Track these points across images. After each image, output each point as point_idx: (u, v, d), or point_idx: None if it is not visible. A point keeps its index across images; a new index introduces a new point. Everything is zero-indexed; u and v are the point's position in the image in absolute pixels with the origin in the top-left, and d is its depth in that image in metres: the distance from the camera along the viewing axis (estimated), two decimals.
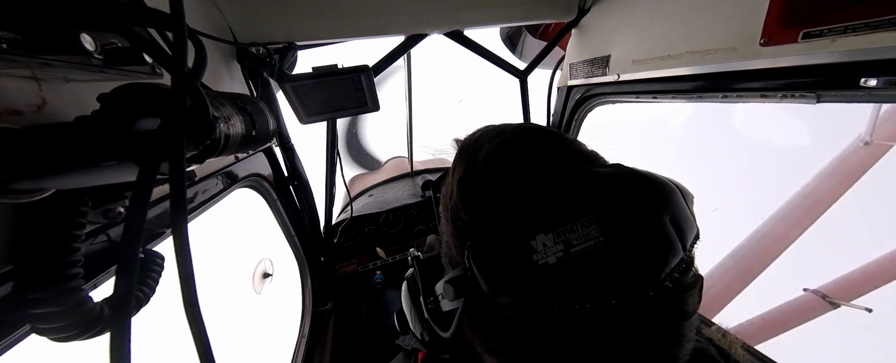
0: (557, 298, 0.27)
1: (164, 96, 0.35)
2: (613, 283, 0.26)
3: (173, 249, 0.30)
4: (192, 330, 0.29)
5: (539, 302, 0.27)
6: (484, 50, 1.41)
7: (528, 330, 0.29)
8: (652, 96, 0.98)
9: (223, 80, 0.90)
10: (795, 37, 0.57)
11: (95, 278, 0.44)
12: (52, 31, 0.35)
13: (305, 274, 1.48)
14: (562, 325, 0.28)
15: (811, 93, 0.60)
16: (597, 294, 0.26)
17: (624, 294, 0.26)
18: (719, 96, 0.78)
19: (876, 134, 3.27)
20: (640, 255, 0.27)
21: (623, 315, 0.27)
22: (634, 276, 0.26)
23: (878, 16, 0.47)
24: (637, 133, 15.08)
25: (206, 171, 0.76)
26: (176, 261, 0.30)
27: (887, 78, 0.50)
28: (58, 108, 0.39)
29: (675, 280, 0.28)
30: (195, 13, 0.79)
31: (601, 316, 0.27)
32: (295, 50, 1.05)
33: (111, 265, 0.45)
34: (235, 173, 0.91)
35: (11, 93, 0.35)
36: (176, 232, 0.30)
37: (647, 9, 0.92)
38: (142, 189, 0.31)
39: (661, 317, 0.28)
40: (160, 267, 0.46)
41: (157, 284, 0.45)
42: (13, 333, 0.34)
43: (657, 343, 0.28)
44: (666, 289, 0.27)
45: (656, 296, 0.26)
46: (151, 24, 0.44)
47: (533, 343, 0.29)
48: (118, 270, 0.30)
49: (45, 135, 0.32)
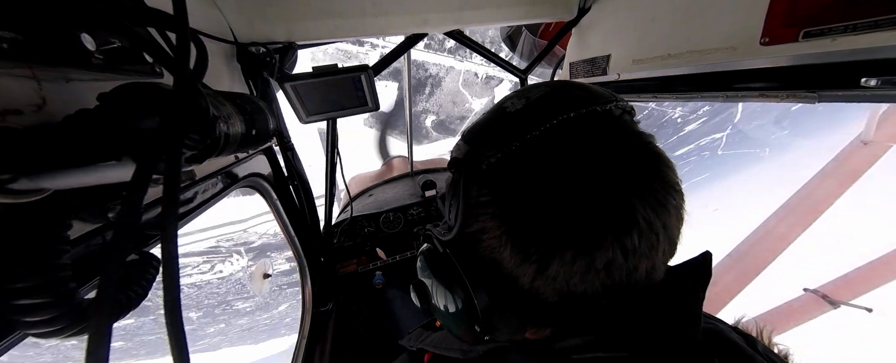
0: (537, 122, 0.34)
1: (165, 96, 0.35)
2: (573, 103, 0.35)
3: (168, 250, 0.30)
4: (169, 330, 0.28)
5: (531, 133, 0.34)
6: (484, 49, 1.41)
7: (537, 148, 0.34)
8: (652, 95, 0.98)
9: (223, 80, 0.90)
10: (796, 36, 0.57)
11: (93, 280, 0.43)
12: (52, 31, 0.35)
13: (305, 274, 1.48)
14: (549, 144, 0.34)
15: (811, 92, 0.60)
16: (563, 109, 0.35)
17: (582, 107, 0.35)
18: (720, 96, 0.77)
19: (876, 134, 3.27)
20: (583, 95, 0.36)
21: (590, 123, 0.35)
22: (588, 100, 0.36)
23: (878, 16, 0.47)
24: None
25: (205, 170, 0.76)
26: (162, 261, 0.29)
27: (887, 78, 0.50)
28: (58, 108, 0.39)
29: (617, 111, 0.37)
30: (196, 13, 0.79)
31: (573, 126, 0.34)
32: (295, 50, 1.05)
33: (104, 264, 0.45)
34: (235, 173, 0.91)
35: (11, 92, 0.35)
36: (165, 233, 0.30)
37: (648, 8, 0.92)
38: (135, 189, 0.31)
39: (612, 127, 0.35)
40: (155, 269, 0.46)
41: (150, 286, 0.44)
42: (6, 339, 0.34)
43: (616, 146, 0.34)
44: (616, 109, 0.36)
45: (602, 112, 0.36)
46: (153, 24, 0.44)
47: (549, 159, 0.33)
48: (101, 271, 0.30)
49: (45, 135, 0.32)
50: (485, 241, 0.36)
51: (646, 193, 0.31)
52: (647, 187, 0.32)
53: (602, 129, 0.35)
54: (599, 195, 0.31)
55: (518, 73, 1.47)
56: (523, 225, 0.33)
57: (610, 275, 0.32)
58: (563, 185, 0.32)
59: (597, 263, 0.31)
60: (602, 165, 0.32)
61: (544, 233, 0.32)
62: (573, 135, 0.34)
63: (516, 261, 0.34)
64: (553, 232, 0.32)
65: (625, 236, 0.31)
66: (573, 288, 0.33)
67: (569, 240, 0.31)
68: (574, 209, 0.31)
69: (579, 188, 0.31)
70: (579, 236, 0.31)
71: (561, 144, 0.34)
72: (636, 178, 0.32)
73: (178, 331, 0.29)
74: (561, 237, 0.31)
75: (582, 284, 0.32)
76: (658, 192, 0.32)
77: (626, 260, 0.31)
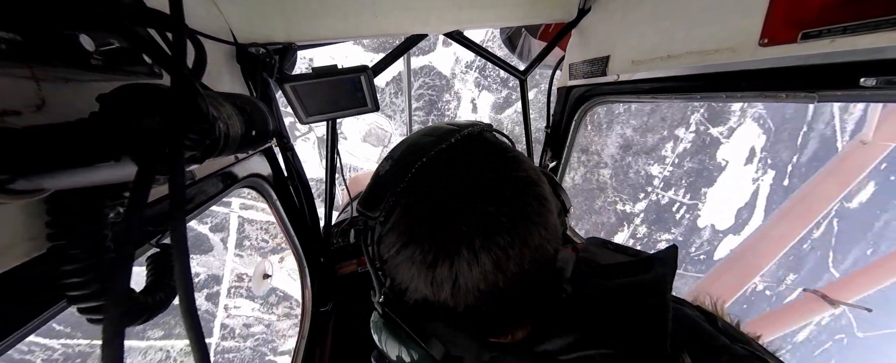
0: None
1: (164, 96, 0.35)
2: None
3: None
4: (186, 324, 0.29)
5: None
6: (484, 50, 1.41)
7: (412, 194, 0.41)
8: (652, 96, 0.99)
9: (223, 81, 0.90)
10: (795, 37, 0.57)
11: None
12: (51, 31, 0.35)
13: (305, 274, 1.48)
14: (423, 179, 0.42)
15: (811, 92, 0.60)
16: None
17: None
18: (719, 96, 0.78)
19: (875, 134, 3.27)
20: (431, 139, 0.44)
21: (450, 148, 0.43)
22: (435, 142, 0.44)
23: (878, 16, 0.47)
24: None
25: (205, 171, 0.76)
26: (175, 261, 0.30)
27: (886, 78, 0.50)
28: (57, 108, 0.39)
29: (464, 137, 0.45)
30: (195, 13, 0.79)
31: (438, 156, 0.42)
32: (295, 50, 1.05)
33: None
34: (235, 173, 0.91)
35: (11, 93, 0.35)
36: (174, 231, 0.30)
37: (647, 9, 0.92)
38: (140, 189, 0.31)
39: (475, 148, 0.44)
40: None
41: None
42: (50, 308, 0.39)
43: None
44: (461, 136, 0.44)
45: (448, 147, 0.43)
46: (151, 25, 0.44)
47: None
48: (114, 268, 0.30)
49: (44, 135, 0.32)
50: (406, 287, 0.41)
51: (471, 215, 0.38)
52: (473, 210, 0.38)
53: (451, 164, 0.42)
54: (440, 226, 0.38)
55: (517, 74, 1.47)
56: (427, 256, 0.38)
57: (458, 283, 0.38)
58: (441, 212, 0.39)
59: (446, 277, 0.38)
60: (444, 202, 0.39)
61: (443, 253, 0.38)
62: (428, 176, 0.42)
63: (436, 290, 0.39)
64: (447, 250, 0.38)
65: (455, 258, 0.37)
66: (489, 290, 0.38)
67: (457, 251, 0.37)
68: (451, 223, 0.38)
69: (432, 219, 0.39)
70: (465, 244, 0.37)
71: (422, 187, 0.41)
72: (461, 207, 0.39)
73: (194, 321, 0.30)
74: (451, 250, 0.38)
75: (494, 285, 0.38)
76: (486, 210, 0.38)
77: (470, 269, 0.37)
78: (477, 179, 0.41)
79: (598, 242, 0.52)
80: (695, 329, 0.41)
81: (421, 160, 0.42)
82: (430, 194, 0.40)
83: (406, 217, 0.41)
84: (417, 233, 0.39)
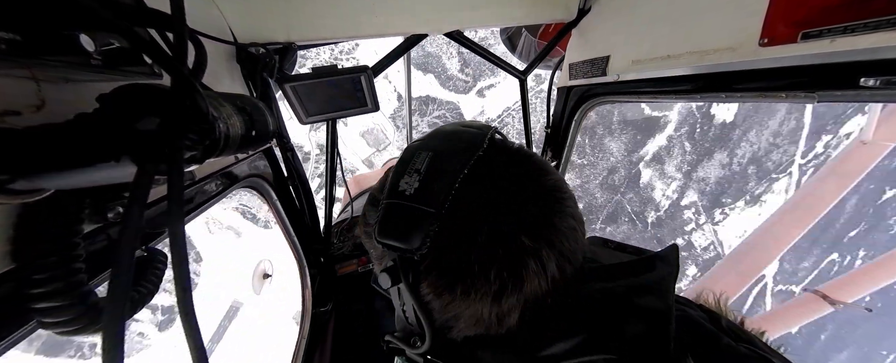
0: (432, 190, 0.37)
1: (164, 96, 0.35)
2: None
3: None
4: (185, 328, 0.29)
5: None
6: (484, 50, 1.41)
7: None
8: (652, 96, 0.98)
9: (223, 81, 0.90)
10: (795, 37, 0.57)
11: (96, 278, 0.44)
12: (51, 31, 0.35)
13: (305, 274, 1.48)
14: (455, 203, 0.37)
15: (811, 92, 0.60)
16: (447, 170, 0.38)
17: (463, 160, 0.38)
18: (719, 96, 0.78)
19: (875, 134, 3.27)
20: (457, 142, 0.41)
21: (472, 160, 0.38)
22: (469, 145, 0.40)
23: (878, 16, 0.47)
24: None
25: (205, 171, 0.76)
26: (172, 262, 0.30)
27: (886, 78, 0.50)
28: (57, 108, 0.39)
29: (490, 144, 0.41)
30: (195, 13, 0.79)
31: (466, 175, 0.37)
32: (295, 50, 1.05)
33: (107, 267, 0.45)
34: (235, 174, 0.91)
35: (11, 93, 0.35)
36: (172, 232, 0.30)
37: (647, 9, 0.92)
38: (139, 189, 0.31)
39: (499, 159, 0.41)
40: (163, 265, 0.47)
41: (159, 282, 0.45)
42: (20, 329, 0.35)
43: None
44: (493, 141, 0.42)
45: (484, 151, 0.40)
46: (151, 25, 0.44)
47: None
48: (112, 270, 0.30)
49: (44, 135, 0.32)
50: (460, 321, 0.38)
51: (536, 229, 0.36)
52: (536, 222, 0.36)
53: (490, 177, 0.38)
54: (500, 247, 0.35)
55: (517, 74, 1.47)
56: (465, 279, 0.35)
57: (527, 307, 0.36)
58: (475, 240, 0.35)
59: (514, 305, 0.36)
60: (502, 214, 0.36)
61: (480, 286, 0.35)
62: (480, 187, 0.38)
63: (486, 317, 0.36)
64: (478, 286, 0.35)
65: (523, 277, 0.35)
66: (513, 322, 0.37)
67: (493, 293, 0.35)
68: (491, 263, 0.35)
69: (489, 244, 0.35)
70: (493, 288, 0.35)
71: (476, 201, 0.37)
72: (524, 218, 0.36)
73: (193, 325, 0.29)
74: (478, 287, 0.35)
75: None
76: (544, 225, 0.36)
77: (540, 283, 0.36)
78: (519, 191, 0.38)
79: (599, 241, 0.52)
80: (698, 330, 0.40)
81: (459, 177, 0.37)
82: (479, 217, 0.36)
83: (460, 245, 0.35)
84: (475, 260, 0.35)
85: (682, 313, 0.42)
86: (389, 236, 0.37)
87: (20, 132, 0.31)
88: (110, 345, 0.26)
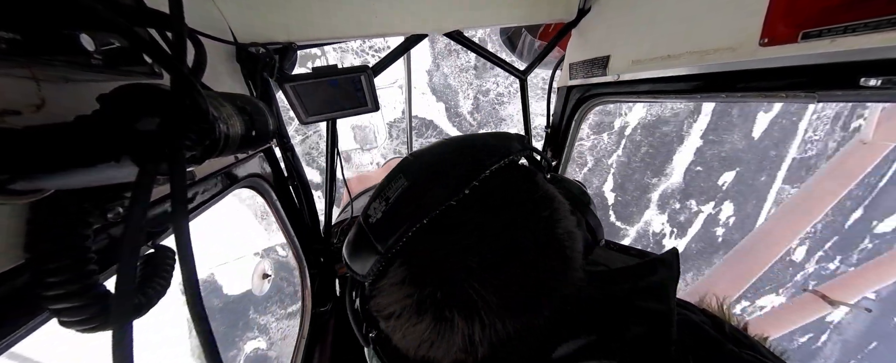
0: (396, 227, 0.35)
1: (164, 96, 0.35)
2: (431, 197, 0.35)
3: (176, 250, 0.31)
4: (196, 327, 0.29)
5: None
6: (484, 50, 1.41)
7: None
8: (652, 96, 0.98)
9: (223, 81, 0.90)
10: (795, 37, 0.57)
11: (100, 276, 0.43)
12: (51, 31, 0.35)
13: (305, 274, 1.48)
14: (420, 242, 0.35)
15: (811, 92, 0.60)
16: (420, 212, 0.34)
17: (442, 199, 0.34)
18: (719, 96, 0.78)
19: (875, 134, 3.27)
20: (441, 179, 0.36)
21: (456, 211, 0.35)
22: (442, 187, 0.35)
23: (878, 16, 0.47)
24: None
25: (205, 171, 0.76)
26: (179, 262, 0.30)
27: (886, 77, 0.50)
28: (57, 108, 0.39)
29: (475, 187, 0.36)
30: (195, 13, 0.79)
31: (440, 221, 0.34)
32: (295, 50, 1.05)
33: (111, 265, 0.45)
34: (235, 173, 0.91)
35: (10, 93, 0.35)
36: (177, 232, 0.30)
37: (647, 9, 0.92)
38: (141, 189, 0.31)
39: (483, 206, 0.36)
40: (173, 260, 0.47)
41: (170, 277, 0.46)
42: (32, 320, 0.37)
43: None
44: (472, 189, 0.35)
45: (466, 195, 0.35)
46: (151, 24, 0.44)
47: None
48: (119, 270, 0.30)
49: (44, 135, 0.32)
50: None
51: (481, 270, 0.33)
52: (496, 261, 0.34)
53: (471, 224, 0.36)
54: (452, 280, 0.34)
55: (518, 74, 1.47)
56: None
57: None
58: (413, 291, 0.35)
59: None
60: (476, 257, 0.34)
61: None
62: (435, 239, 0.36)
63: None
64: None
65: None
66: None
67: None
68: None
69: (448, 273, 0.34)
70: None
71: (418, 253, 0.35)
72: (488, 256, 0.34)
73: (203, 322, 0.30)
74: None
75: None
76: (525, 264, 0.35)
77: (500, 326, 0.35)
78: (511, 237, 0.35)
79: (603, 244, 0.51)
80: (700, 334, 0.40)
81: (416, 225, 0.34)
82: (424, 270, 0.35)
83: (395, 290, 0.36)
84: (405, 310, 0.35)
85: (683, 317, 0.42)
86: (346, 255, 0.40)
87: (20, 132, 0.31)
88: (118, 341, 0.26)
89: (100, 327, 0.36)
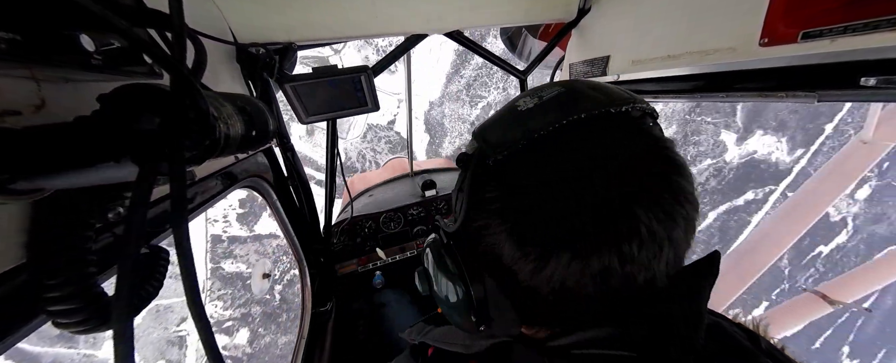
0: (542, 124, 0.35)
1: (164, 97, 0.35)
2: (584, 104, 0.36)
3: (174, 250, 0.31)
4: (196, 325, 0.30)
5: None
6: (484, 50, 1.41)
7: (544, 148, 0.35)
8: (652, 96, 0.98)
9: (223, 81, 0.90)
10: (795, 37, 0.57)
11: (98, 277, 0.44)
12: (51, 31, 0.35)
13: (305, 274, 1.48)
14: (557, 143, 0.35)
15: (811, 92, 0.60)
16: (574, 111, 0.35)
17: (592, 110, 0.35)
18: (719, 96, 0.78)
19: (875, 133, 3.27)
20: (597, 96, 0.37)
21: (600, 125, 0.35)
22: (601, 102, 0.36)
23: (877, 16, 0.47)
24: None
25: (205, 171, 0.76)
26: (178, 261, 0.30)
27: (886, 77, 0.50)
28: (57, 108, 0.39)
29: (636, 113, 0.37)
30: (195, 13, 0.79)
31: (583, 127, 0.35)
32: (295, 50, 1.05)
33: (112, 265, 0.46)
34: (235, 173, 0.91)
35: (10, 93, 0.35)
36: (177, 232, 0.30)
37: (647, 9, 0.92)
38: (141, 189, 0.31)
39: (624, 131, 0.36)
40: (166, 261, 0.47)
41: (163, 278, 0.46)
42: (29, 323, 0.37)
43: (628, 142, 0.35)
44: (634, 111, 0.37)
45: (616, 114, 0.36)
46: (151, 25, 0.44)
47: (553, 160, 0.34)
48: (119, 270, 0.30)
49: (44, 135, 0.32)
50: (487, 237, 0.37)
51: (652, 203, 0.31)
52: (654, 196, 0.32)
53: (613, 133, 0.35)
54: (602, 201, 0.31)
55: (518, 74, 1.47)
56: (524, 224, 0.34)
57: (605, 280, 0.32)
58: (566, 188, 0.32)
59: (592, 268, 0.31)
60: (608, 170, 0.32)
61: (543, 233, 0.32)
62: (582, 137, 0.34)
63: (515, 257, 0.34)
64: (552, 233, 0.32)
65: (624, 244, 0.31)
66: (568, 288, 0.33)
67: (566, 243, 0.31)
68: (574, 213, 0.31)
69: (582, 192, 0.31)
70: (577, 240, 0.31)
71: (568, 146, 0.34)
72: (644, 186, 0.32)
73: (203, 321, 0.30)
74: (559, 239, 0.32)
75: (577, 287, 0.33)
76: (665, 202, 0.32)
77: (622, 268, 0.31)
78: (670, 170, 0.34)
79: None
80: (730, 342, 0.38)
81: (582, 114, 0.34)
82: (601, 160, 0.33)
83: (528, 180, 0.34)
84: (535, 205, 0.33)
85: (715, 323, 0.40)
86: (481, 136, 0.39)
87: (20, 132, 0.31)
88: (121, 341, 0.26)
89: (93, 329, 0.36)
